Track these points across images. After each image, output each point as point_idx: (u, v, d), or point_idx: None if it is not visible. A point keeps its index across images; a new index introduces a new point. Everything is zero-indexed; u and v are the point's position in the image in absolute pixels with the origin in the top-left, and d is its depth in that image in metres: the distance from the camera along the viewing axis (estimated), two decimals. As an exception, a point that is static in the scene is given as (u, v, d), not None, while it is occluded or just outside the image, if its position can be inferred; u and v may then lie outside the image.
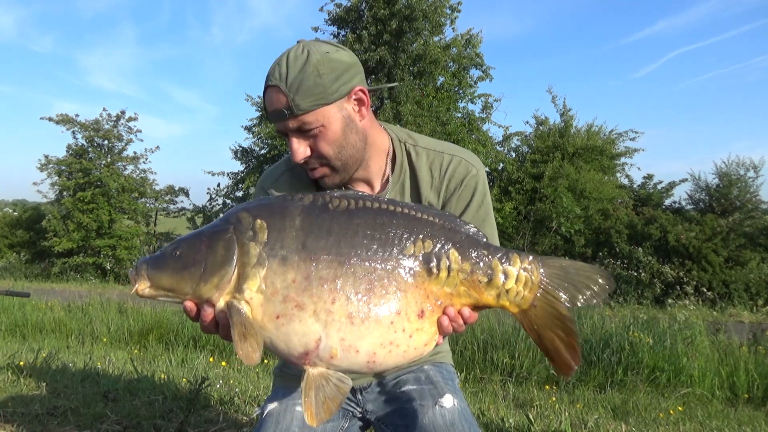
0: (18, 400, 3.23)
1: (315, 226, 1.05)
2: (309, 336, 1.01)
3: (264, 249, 1.03)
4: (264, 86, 1.28)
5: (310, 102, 1.23)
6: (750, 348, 5.50)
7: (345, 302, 1.01)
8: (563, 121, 16.50)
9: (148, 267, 1.06)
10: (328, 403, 1.03)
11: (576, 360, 1.10)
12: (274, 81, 1.24)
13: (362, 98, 1.31)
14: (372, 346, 1.02)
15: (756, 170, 15.21)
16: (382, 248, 1.05)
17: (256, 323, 1.01)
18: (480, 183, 1.42)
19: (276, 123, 1.28)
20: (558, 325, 1.10)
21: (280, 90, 1.23)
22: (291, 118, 1.24)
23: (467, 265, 1.08)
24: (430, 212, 1.12)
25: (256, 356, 1.00)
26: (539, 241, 15.03)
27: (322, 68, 1.23)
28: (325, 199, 1.10)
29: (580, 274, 1.11)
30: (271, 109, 1.27)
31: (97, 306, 8.11)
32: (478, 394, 4.58)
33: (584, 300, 1.10)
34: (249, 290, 1.02)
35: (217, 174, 16.77)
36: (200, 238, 1.07)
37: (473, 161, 1.43)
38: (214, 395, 3.46)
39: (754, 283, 13.18)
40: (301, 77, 1.22)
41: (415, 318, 1.05)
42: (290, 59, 1.24)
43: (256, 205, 1.10)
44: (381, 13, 13.90)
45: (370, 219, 1.07)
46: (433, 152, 1.43)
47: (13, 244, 19.29)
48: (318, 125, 1.25)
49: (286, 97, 1.22)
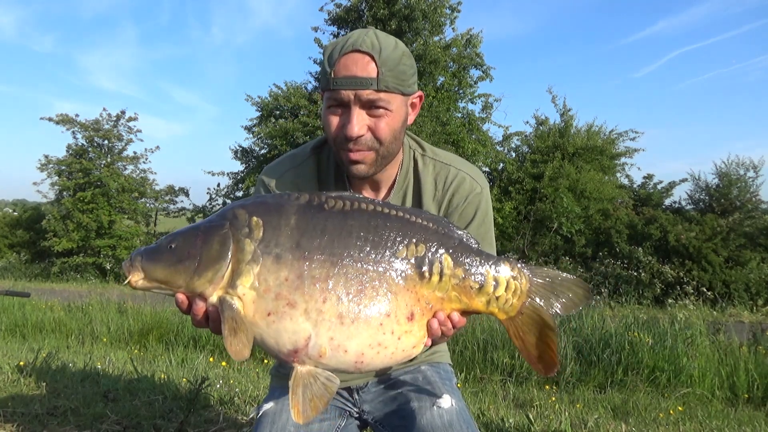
0: (18, 400, 3.23)
1: (310, 225, 1.06)
2: (299, 334, 1.01)
3: (259, 246, 1.03)
4: (342, 50, 1.23)
5: (395, 83, 1.24)
6: (750, 348, 5.49)
7: (336, 302, 1.02)
8: (563, 121, 16.49)
9: (142, 259, 1.06)
10: (315, 401, 1.04)
11: (554, 365, 1.14)
12: (366, 48, 1.22)
13: (416, 104, 1.36)
14: (360, 347, 1.03)
15: (756, 170, 15.22)
16: (375, 250, 1.05)
17: (247, 319, 1.02)
18: (483, 201, 1.42)
19: (344, 89, 1.22)
20: (542, 331, 1.14)
21: (373, 59, 1.22)
22: (372, 89, 1.22)
23: (459, 270, 1.09)
24: (424, 216, 1.13)
25: (245, 352, 1.00)
26: (539, 241, 15.02)
27: (409, 60, 1.27)
28: (321, 199, 1.11)
29: (564, 285, 1.15)
30: (349, 73, 1.22)
31: (97, 306, 8.11)
32: (478, 394, 4.58)
33: (565, 310, 1.15)
34: (242, 286, 1.02)
35: (217, 174, 16.79)
36: (196, 232, 1.08)
37: (479, 179, 1.43)
38: (214, 395, 3.46)
39: (754, 283, 13.16)
40: (396, 57, 1.24)
41: (404, 320, 1.06)
42: (380, 36, 1.25)
43: (252, 203, 1.11)
44: (381, 13, 13.90)
45: (365, 221, 1.08)
46: (440, 164, 1.43)
47: (13, 244, 19.30)
48: (390, 108, 1.26)
49: (377, 67, 1.22)
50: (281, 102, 15.18)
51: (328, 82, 1.24)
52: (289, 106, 15.01)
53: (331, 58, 1.25)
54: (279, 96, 15.34)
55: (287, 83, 15.63)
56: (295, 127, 13.89)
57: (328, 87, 1.24)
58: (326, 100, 1.28)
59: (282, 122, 14.46)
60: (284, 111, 15.27)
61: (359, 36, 1.24)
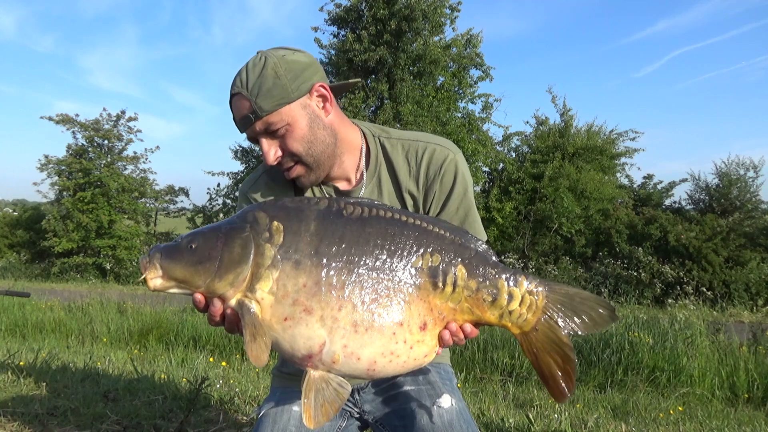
0: (18, 400, 3.23)
1: (329, 231, 1.06)
2: (314, 340, 1.02)
3: (279, 251, 1.04)
4: (229, 98, 1.33)
5: (272, 103, 1.27)
6: (750, 348, 5.50)
7: (351, 310, 1.02)
8: (563, 121, 16.50)
9: (162, 256, 1.06)
10: (326, 407, 1.04)
11: (570, 388, 1.11)
12: (236, 89, 1.30)
13: (324, 94, 1.34)
14: (373, 355, 1.04)
15: (756, 170, 15.25)
16: (391, 259, 1.06)
17: (264, 323, 1.03)
18: (460, 166, 1.42)
19: (246, 130, 1.32)
20: (557, 350, 1.11)
21: (243, 96, 1.28)
22: (257, 120, 1.28)
23: (473, 282, 1.09)
24: (442, 225, 1.12)
25: (264, 357, 1.01)
26: (539, 241, 15.03)
27: (280, 70, 1.28)
28: (340, 205, 1.11)
29: (585, 304, 1.12)
30: (238, 117, 1.31)
31: (97, 306, 8.12)
32: (478, 394, 4.58)
33: (585, 329, 1.11)
34: (261, 290, 1.03)
35: (217, 174, 16.81)
36: (217, 233, 1.08)
37: (449, 146, 1.44)
38: (214, 395, 3.45)
39: (754, 283, 13.17)
40: (261, 81, 1.27)
41: (417, 330, 1.06)
42: (249, 67, 1.30)
43: (272, 206, 1.11)
44: (381, 13, 13.90)
45: (382, 228, 1.08)
46: (407, 142, 1.44)
47: (13, 244, 19.30)
48: (284, 124, 1.29)
49: (249, 101, 1.27)
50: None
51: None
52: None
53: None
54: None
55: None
56: (295, 127, 13.88)
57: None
58: None
59: (282, 122, 14.45)
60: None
61: (234, 79, 1.31)
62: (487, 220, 14.64)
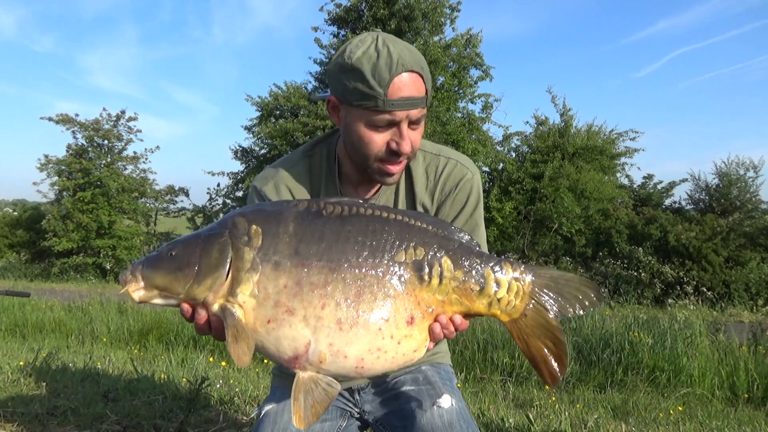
0: (18, 400, 3.23)
1: (308, 232, 1.06)
2: (298, 340, 1.02)
3: (258, 254, 1.04)
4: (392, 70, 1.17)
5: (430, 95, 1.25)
6: (750, 348, 5.50)
7: (334, 308, 1.02)
8: (563, 121, 16.49)
9: (143, 267, 1.08)
10: (316, 407, 1.04)
11: (562, 371, 1.12)
12: (416, 68, 1.20)
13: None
14: (360, 352, 1.03)
15: (756, 170, 15.25)
16: (373, 255, 1.05)
17: (248, 327, 1.03)
18: (475, 187, 1.42)
19: (398, 110, 1.20)
20: (547, 335, 1.12)
21: (421, 77, 1.22)
22: (423, 107, 1.24)
23: (459, 273, 1.09)
24: (423, 219, 1.12)
25: (246, 359, 1.02)
26: (539, 241, 15.03)
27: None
28: (320, 205, 1.11)
29: (570, 286, 1.13)
30: (405, 95, 1.19)
31: (97, 306, 8.12)
32: (478, 394, 4.58)
33: (573, 311, 1.12)
34: (242, 294, 1.03)
35: (217, 174, 16.77)
36: (196, 240, 1.09)
37: (469, 165, 1.44)
38: (214, 395, 3.46)
39: (754, 283, 13.17)
40: (427, 68, 1.23)
41: (403, 325, 1.06)
42: (411, 48, 1.23)
43: (251, 211, 1.12)
44: (381, 12, 13.90)
45: (363, 225, 1.08)
46: (429, 155, 1.44)
47: (13, 244, 19.29)
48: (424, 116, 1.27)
49: (425, 85, 1.22)
50: (281, 102, 15.19)
51: (377, 103, 1.19)
52: (289, 106, 15.02)
53: (377, 76, 1.18)
54: (279, 96, 15.35)
55: (287, 83, 15.65)
56: (295, 127, 13.89)
57: (378, 107, 1.19)
58: (369, 118, 1.22)
59: (282, 122, 14.46)
60: (284, 111, 15.28)
61: (401, 53, 1.19)
62: (487, 220, 14.61)
